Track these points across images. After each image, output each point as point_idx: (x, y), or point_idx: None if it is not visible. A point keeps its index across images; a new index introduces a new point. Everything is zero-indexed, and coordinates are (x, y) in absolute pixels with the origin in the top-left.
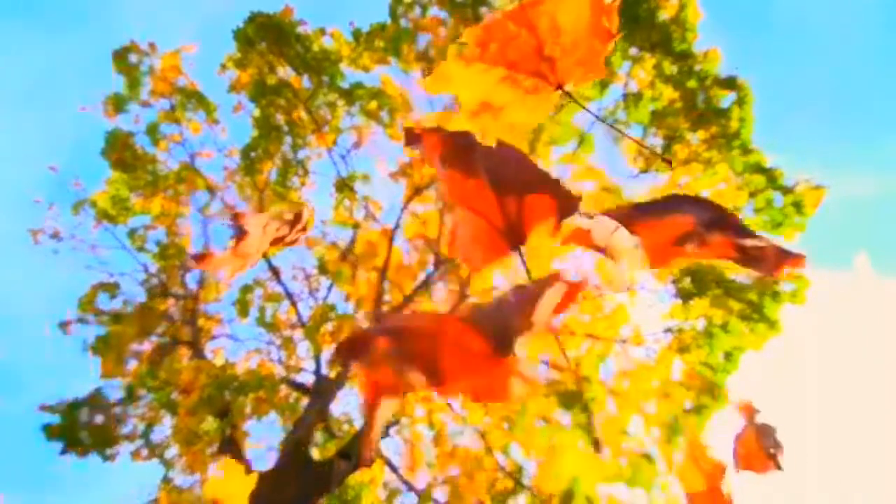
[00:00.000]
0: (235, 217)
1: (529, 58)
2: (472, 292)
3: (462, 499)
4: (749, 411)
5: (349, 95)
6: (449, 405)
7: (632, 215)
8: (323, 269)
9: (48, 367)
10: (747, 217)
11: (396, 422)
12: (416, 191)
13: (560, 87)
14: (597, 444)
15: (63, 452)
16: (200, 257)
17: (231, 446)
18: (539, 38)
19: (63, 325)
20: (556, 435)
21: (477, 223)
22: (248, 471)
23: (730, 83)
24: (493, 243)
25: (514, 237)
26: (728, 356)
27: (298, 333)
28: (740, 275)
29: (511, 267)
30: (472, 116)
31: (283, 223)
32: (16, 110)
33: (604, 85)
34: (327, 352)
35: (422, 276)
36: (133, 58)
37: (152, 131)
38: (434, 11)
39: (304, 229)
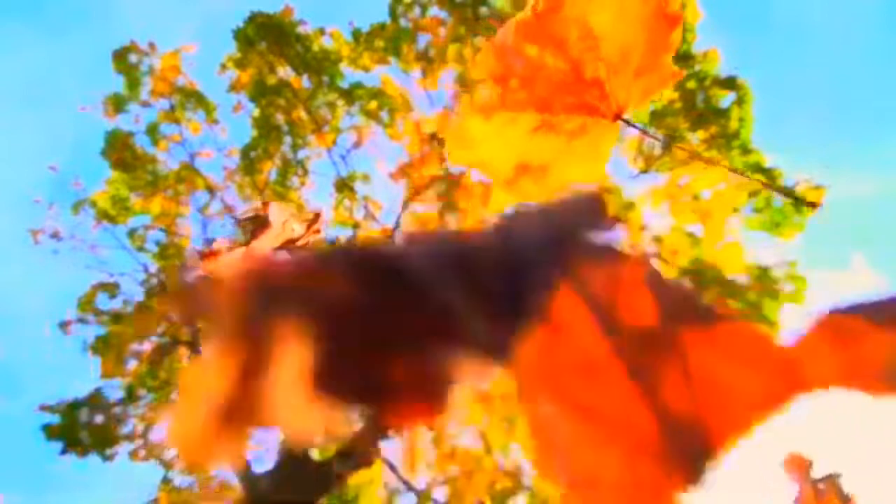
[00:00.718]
0: (263, 205)
1: (567, 88)
2: None
3: (462, 499)
4: (801, 467)
5: (349, 95)
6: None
7: None
8: None
9: (48, 367)
10: (747, 217)
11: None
12: (416, 191)
13: (618, 116)
14: None
15: (63, 452)
16: (206, 255)
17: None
18: (573, 57)
19: (63, 325)
20: None
21: (602, 440)
22: (249, 471)
23: (729, 83)
24: (645, 477)
25: (691, 457)
26: None
27: None
28: (740, 275)
29: None
30: (509, 186)
31: (300, 222)
32: (16, 110)
33: None
34: None
35: None
36: (133, 58)
37: (152, 131)
38: (434, 11)
39: (317, 232)
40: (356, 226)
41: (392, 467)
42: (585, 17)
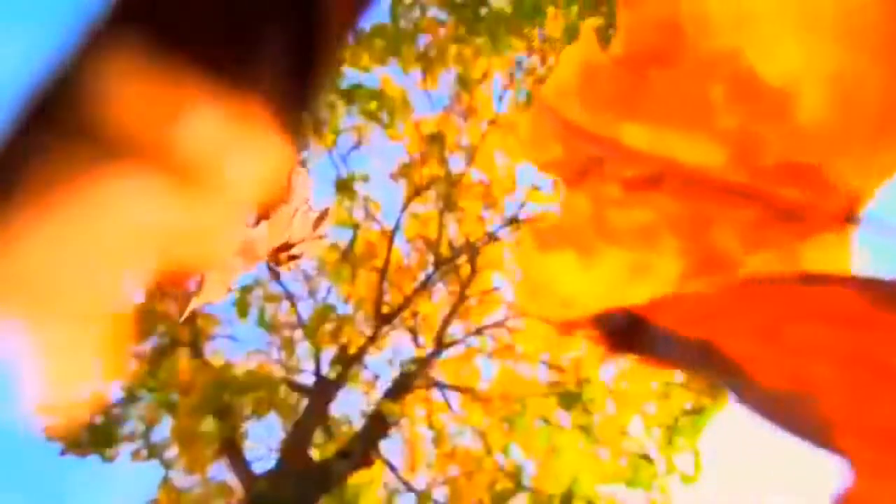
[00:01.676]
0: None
1: (730, 187)
2: (472, 294)
3: (462, 499)
4: None
5: (349, 96)
6: (448, 405)
7: None
8: (323, 269)
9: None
10: None
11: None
12: (416, 191)
13: (851, 214)
14: None
15: (63, 453)
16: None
17: (231, 447)
18: (729, 129)
19: None
20: (556, 435)
21: None
22: (249, 471)
23: None
24: None
25: None
26: None
27: (298, 334)
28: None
29: None
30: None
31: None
32: None
33: None
34: (327, 352)
35: (422, 277)
36: None
37: None
38: (434, 12)
39: (321, 237)
40: (356, 226)
41: (392, 467)
42: (735, 51)
